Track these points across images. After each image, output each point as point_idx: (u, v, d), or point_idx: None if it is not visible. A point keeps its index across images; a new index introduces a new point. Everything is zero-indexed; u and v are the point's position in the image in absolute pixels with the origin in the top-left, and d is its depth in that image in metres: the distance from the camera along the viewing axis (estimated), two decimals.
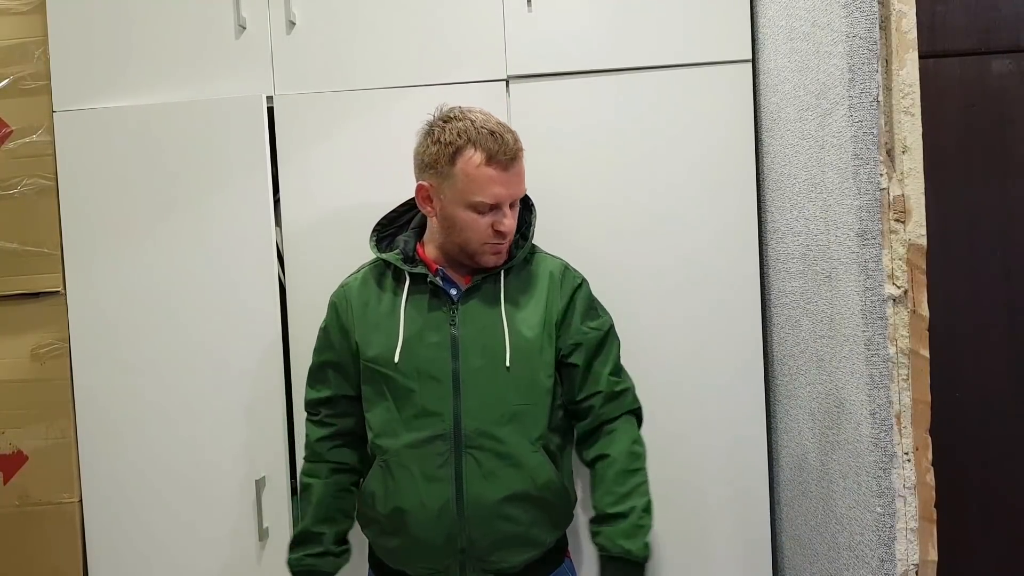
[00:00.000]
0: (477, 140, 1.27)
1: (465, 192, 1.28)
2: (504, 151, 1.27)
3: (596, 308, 1.44)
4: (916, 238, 1.06)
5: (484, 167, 1.27)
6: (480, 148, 1.27)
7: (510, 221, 1.31)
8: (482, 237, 1.31)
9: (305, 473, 1.44)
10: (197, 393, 1.62)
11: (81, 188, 1.64)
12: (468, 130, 1.28)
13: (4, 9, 1.66)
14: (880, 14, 1.05)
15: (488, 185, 1.27)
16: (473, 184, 1.27)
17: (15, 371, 1.65)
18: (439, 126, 1.31)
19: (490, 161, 1.26)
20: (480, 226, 1.30)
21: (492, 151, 1.26)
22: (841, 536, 1.25)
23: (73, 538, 1.65)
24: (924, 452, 1.07)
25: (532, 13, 1.58)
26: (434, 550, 1.30)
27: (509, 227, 1.31)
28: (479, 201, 1.28)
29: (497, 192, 1.28)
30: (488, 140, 1.26)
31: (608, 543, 1.32)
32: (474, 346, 1.32)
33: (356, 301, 1.40)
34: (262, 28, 1.62)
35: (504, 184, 1.28)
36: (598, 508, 1.36)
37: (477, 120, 1.29)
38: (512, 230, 1.33)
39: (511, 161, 1.28)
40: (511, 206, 1.32)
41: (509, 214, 1.31)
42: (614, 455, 1.37)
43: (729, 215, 1.57)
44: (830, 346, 1.25)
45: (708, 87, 1.56)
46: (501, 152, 1.26)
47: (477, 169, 1.27)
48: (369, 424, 1.38)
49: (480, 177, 1.27)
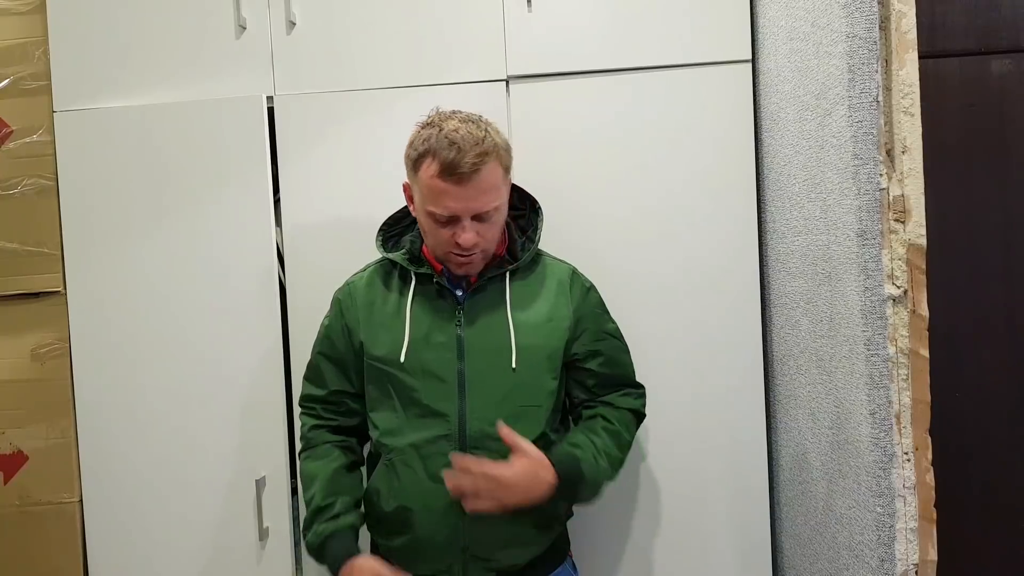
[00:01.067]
0: (436, 150, 1.22)
1: (424, 200, 1.27)
2: (458, 165, 1.21)
3: (607, 312, 1.45)
4: (916, 238, 1.06)
5: (437, 178, 1.23)
6: (437, 159, 1.22)
7: (468, 236, 1.25)
8: (444, 246, 1.29)
9: (304, 461, 1.41)
10: (197, 393, 1.62)
11: (81, 188, 1.64)
12: (431, 138, 1.24)
13: (4, 9, 1.66)
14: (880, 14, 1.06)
15: (441, 197, 1.24)
16: (429, 194, 1.25)
17: (15, 371, 1.65)
18: (416, 130, 1.29)
19: (443, 173, 1.22)
20: (441, 236, 1.28)
21: (446, 163, 1.21)
22: (841, 536, 1.25)
23: (73, 538, 1.65)
24: (924, 452, 1.07)
25: (532, 13, 1.58)
26: (438, 549, 1.31)
27: (467, 242, 1.25)
28: (433, 211, 1.26)
29: (450, 205, 1.24)
30: (445, 151, 1.21)
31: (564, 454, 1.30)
32: (479, 347, 1.32)
33: (361, 299, 1.40)
34: (262, 28, 1.62)
35: (457, 198, 1.23)
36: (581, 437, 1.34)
37: (446, 128, 1.24)
38: (472, 244, 1.26)
39: (467, 175, 1.21)
40: (481, 220, 1.26)
41: (468, 227, 1.25)
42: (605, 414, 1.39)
43: (729, 215, 1.57)
44: (830, 346, 1.25)
45: (708, 87, 1.56)
46: (455, 166, 1.21)
47: (432, 180, 1.24)
48: (374, 423, 1.38)
49: (434, 188, 1.24)
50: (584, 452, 1.32)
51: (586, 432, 1.36)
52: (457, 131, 1.23)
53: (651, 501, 1.60)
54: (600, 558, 1.61)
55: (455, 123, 1.25)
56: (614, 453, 1.36)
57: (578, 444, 1.33)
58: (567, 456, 1.30)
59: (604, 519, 1.61)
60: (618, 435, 1.37)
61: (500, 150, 1.27)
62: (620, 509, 1.60)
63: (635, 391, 1.46)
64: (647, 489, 1.60)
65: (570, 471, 1.29)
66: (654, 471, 1.60)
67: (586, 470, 1.30)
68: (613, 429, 1.38)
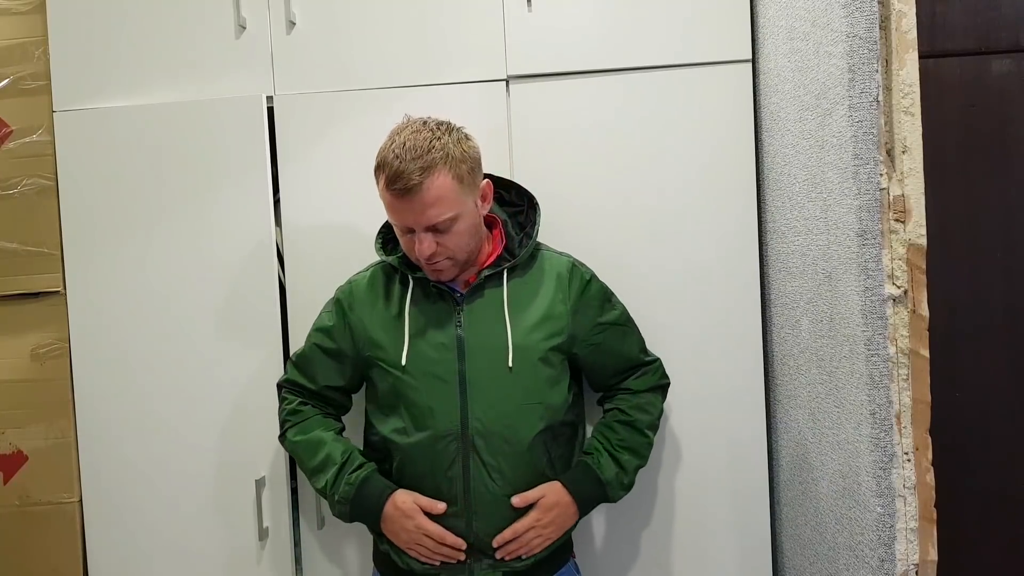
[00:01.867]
0: (383, 163, 1.24)
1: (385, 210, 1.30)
2: (396, 180, 1.21)
3: (610, 299, 1.45)
4: (916, 238, 1.06)
5: (386, 192, 1.25)
6: (384, 172, 1.24)
7: (424, 247, 1.25)
8: (411, 253, 1.31)
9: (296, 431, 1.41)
10: (197, 393, 1.62)
11: (81, 188, 1.64)
12: (384, 149, 1.26)
13: (4, 9, 1.66)
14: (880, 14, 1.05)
15: (391, 210, 1.28)
16: (385, 206, 1.28)
17: (15, 371, 1.65)
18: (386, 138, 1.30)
19: (387, 186, 1.24)
20: (407, 244, 1.31)
21: (390, 177, 1.23)
22: (841, 536, 1.25)
23: (73, 538, 1.65)
24: (924, 452, 1.06)
25: (532, 13, 1.58)
26: None
27: (423, 253, 1.25)
28: (391, 222, 1.30)
29: (397, 217, 1.27)
30: (390, 165, 1.23)
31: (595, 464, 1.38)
32: (479, 347, 1.33)
33: (363, 300, 1.41)
34: (262, 28, 1.62)
35: (404, 212, 1.24)
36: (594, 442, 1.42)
37: (397, 140, 1.24)
38: (430, 255, 1.26)
39: (406, 192, 1.21)
40: (437, 231, 1.26)
41: (424, 239, 1.25)
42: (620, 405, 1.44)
43: (729, 215, 1.57)
44: (830, 346, 1.25)
45: (708, 87, 1.56)
46: (396, 179, 1.22)
47: (383, 192, 1.26)
48: (377, 424, 1.38)
49: (386, 201, 1.27)
50: (596, 456, 1.39)
51: (600, 433, 1.43)
52: (404, 144, 1.23)
53: (651, 502, 1.60)
54: (601, 559, 1.61)
55: (407, 134, 1.25)
56: (635, 440, 1.41)
57: (590, 451, 1.41)
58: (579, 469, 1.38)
59: (605, 520, 1.61)
60: (633, 423, 1.42)
61: (452, 160, 1.24)
62: (621, 510, 1.60)
63: (650, 367, 1.48)
64: (647, 490, 1.60)
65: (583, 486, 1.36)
66: (654, 471, 1.60)
67: (603, 473, 1.37)
68: (627, 419, 1.42)
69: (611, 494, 1.38)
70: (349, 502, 1.34)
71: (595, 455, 1.39)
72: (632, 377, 1.46)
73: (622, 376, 1.46)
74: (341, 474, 1.35)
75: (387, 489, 1.34)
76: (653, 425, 1.44)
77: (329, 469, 1.36)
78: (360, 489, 1.33)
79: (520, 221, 1.45)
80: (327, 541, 1.63)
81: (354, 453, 1.39)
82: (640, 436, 1.42)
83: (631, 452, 1.40)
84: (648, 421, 1.43)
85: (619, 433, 1.41)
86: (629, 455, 1.40)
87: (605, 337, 1.42)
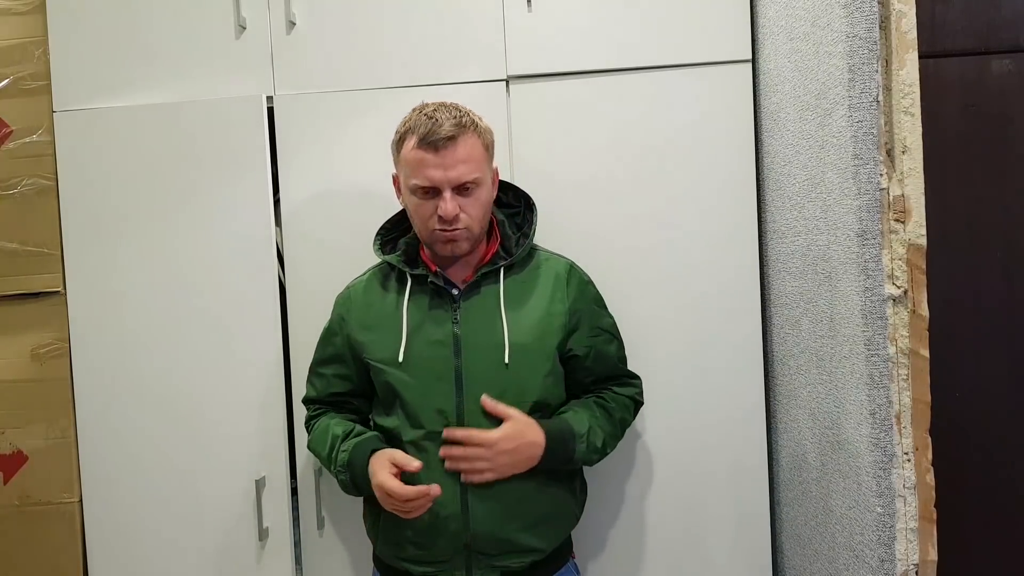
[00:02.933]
0: (414, 125, 1.29)
1: (407, 177, 1.31)
2: (433, 132, 1.26)
3: (604, 306, 1.46)
4: (916, 238, 1.06)
5: (416, 149, 1.28)
6: (415, 132, 1.28)
7: (449, 206, 1.27)
8: (428, 224, 1.31)
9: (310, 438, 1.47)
10: (197, 393, 1.62)
11: (81, 188, 1.64)
12: (411, 118, 1.31)
13: (4, 9, 1.66)
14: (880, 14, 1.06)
15: (419, 167, 1.28)
16: (409, 167, 1.30)
17: (15, 371, 1.65)
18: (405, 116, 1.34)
19: (421, 143, 1.27)
20: (424, 212, 1.31)
21: (423, 133, 1.26)
22: (841, 536, 1.25)
23: (73, 538, 1.65)
24: (924, 452, 1.07)
25: (532, 13, 1.58)
26: (440, 547, 1.31)
27: (448, 212, 1.27)
28: (415, 184, 1.30)
29: (430, 174, 1.27)
30: (422, 124, 1.27)
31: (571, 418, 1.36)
32: (475, 344, 1.33)
33: (360, 304, 1.42)
34: (262, 28, 1.62)
35: (435, 166, 1.27)
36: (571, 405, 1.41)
37: (426, 108, 1.31)
38: (455, 216, 1.28)
39: (443, 142, 1.26)
40: (463, 193, 1.29)
41: (449, 199, 1.28)
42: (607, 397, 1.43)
43: (729, 215, 1.57)
44: (830, 346, 1.25)
45: (708, 87, 1.56)
46: (431, 133, 1.26)
47: (411, 152, 1.29)
48: (377, 423, 1.39)
49: (414, 160, 1.29)
50: (574, 414, 1.37)
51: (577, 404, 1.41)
52: (436, 109, 1.30)
53: (651, 502, 1.60)
54: (602, 559, 1.61)
55: (435, 105, 1.31)
56: (606, 422, 1.39)
57: (566, 409, 1.39)
58: (555, 418, 1.36)
59: (605, 520, 1.61)
60: (610, 410, 1.41)
61: (480, 129, 1.32)
62: (621, 510, 1.60)
63: (631, 380, 1.48)
64: (647, 490, 1.60)
65: (558, 426, 1.33)
66: (654, 471, 1.60)
67: (576, 426, 1.34)
68: (604, 403, 1.42)
69: (578, 448, 1.33)
70: (347, 468, 1.34)
71: (570, 412, 1.37)
72: (613, 384, 1.46)
73: (602, 384, 1.45)
74: (340, 442, 1.38)
75: (372, 449, 1.33)
76: (624, 423, 1.44)
77: (327, 443, 1.39)
78: (352, 454, 1.34)
79: (517, 222, 1.45)
80: (327, 541, 1.63)
81: (356, 427, 1.40)
82: (612, 427, 1.40)
83: (602, 429, 1.38)
84: (620, 416, 1.43)
85: (594, 411, 1.39)
86: (600, 430, 1.37)
87: (597, 342, 1.42)
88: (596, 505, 1.58)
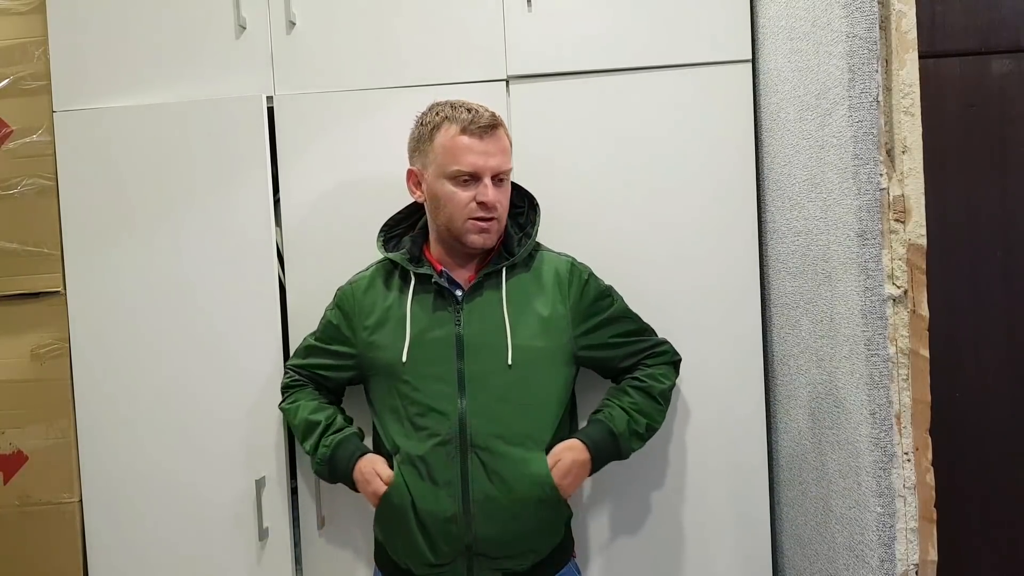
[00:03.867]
0: (453, 115, 1.32)
1: (444, 164, 1.32)
2: (477, 120, 1.30)
3: (609, 294, 1.46)
4: (916, 238, 1.06)
5: (459, 136, 1.30)
6: (455, 121, 1.32)
7: (493, 192, 1.31)
8: (464, 212, 1.32)
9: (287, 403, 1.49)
10: (197, 393, 1.62)
11: (81, 188, 1.64)
12: (445, 109, 1.35)
13: (4, 9, 1.66)
14: (880, 14, 1.05)
15: (463, 154, 1.30)
16: (449, 155, 1.31)
17: (15, 371, 1.65)
18: (424, 111, 1.37)
19: (464, 131, 1.30)
20: (461, 200, 1.32)
21: (466, 121, 1.31)
22: (841, 536, 1.25)
23: (73, 538, 1.65)
24: (924, 452, 1.07)
25: (532, 13, 1.58)
26: (441, 549, 1.31)
27: (492, 199, 1.31)
28: (456, 170, 1.31)
29: (473, 160, 1.30)
30: (463, 113, 1.32)
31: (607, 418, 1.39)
32: (478, 345, 1.33)
33: (364, 299, 1.42)
34: (262, 28, 1.62)
35: (479, 153, 1.30)
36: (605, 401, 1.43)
37: (457, 102, 1.35)
38: (496, 203, 1.32)
39: (486, 129, 1.31)
40: (497, 184, 1.33)
41: (491, 186, 1.31)
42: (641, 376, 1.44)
43: (729, 215, 1.57)
44: (830, 346, 1.25)
45: (708, 87, 1.56)
46: (474, 122, 1.30)
47: (453, 140, 1.31)
48: (378, 426, 1.40)
49: (456, 147, 1.31)
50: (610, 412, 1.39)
51: (611, 396, 1.44)
52: (463, 103, 1.35)
53: (652, 501, 1.60)
54: (602, 559, 1.61)
55: (455, 101, 1.36)
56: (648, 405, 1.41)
57: (602, 407, 1.42)
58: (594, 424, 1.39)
59: (606, 520, 1.61)
60: (647, 388, 1.42)
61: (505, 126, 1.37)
62: (621, 510, 1.60)
63: (659, 348, 1.48)
64: (648, 490, 1.60)
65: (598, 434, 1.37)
66: (655, 471, 1.60)
67: (615, 425, 1.37)
68: (641, 384, 1.42)
69: (623, 446, 1.38)
70: (326, 463, 1.40)
71: (605, 410, 1.40)
72: (643, 360, 1.46)
73: (633, 360, 1.46)
74: (323, 436, 1.41)
75: (356, 452, 1.39)
76: (665, 394, 1.44)
77: (314, 431, 1.42)
78: (335, 451, 1.39)
79: (520, 222, 1.45)
80: (327, 541, 1.63)
81: (337, 418, 1.44)
82: (654, 402, 1.42)
83: (643, 415, 1.40)
84: (660, 389, 1.43)
85: (632, 396, 1.41)
86: (640, 416, 1.40)
87: (609, 331, 1.43)
88: (596, 505, 1.58)
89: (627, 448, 1.39)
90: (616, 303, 1.46)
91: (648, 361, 1.46)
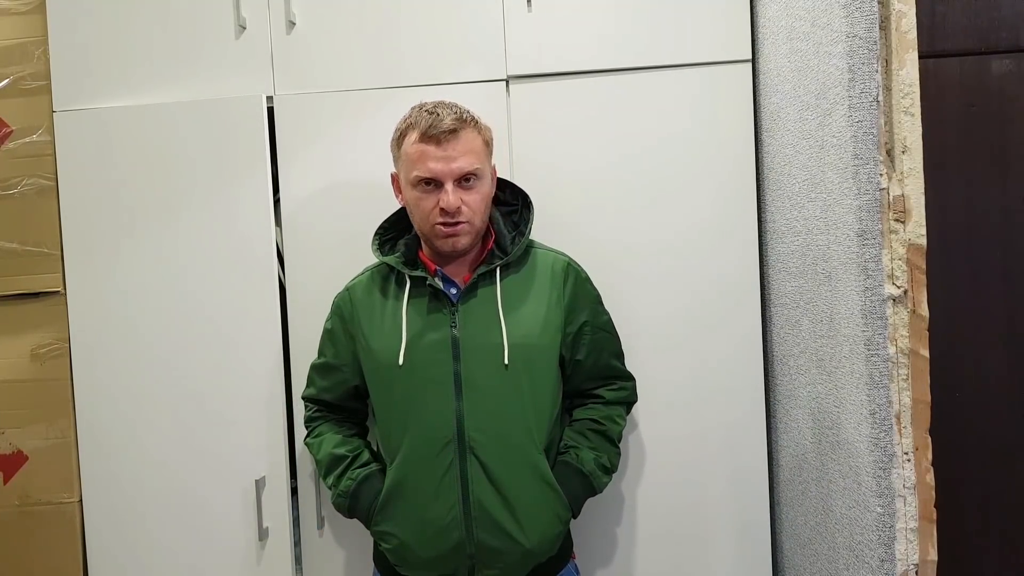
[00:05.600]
0: (416, 121, 1.32)
1: (408, 171, 1.33)
2: (435, 126, 1.29)
3: (601, 303, 1.47)
4: (916, 238, 1.06)
5: (418, 143, 1.30)
6: (416, 127, 1.31)
7: (454, 198, 1.29)
8: (430, 218, 1.32)
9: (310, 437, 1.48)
10: (197, 393, 1.62)
11: (81, 188, 1.64)
12: (413, 114, 1.34)
13: (4, 9, 1.66)
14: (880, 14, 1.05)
15: (421, 160, 1.30)
16: (410, 161, 1.32)
17: (15, 371, 1.65)
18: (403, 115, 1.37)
19: (423, 137, 1.30)
20: (426, 206, 1.32)
21: (424, 127, 1.29)
22: (841, 536, 1.25)
23: (73, 538, 1.65)
24: (924, 452, 1.06)
25: (532, 13, 1.58)
26: (441, 552, 1.31)
27: (450, 204, 1.29)
28: (415, 176, 1.31)
29: (432, 167, 1.29)
30: (423, 119, 1.30)
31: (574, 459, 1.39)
32: (474, 347, 1.32)
33: (360, 304, 1.41)
34: (262, 28, 1.62)
35: (438, 159, 1.29)
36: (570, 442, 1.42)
37: (426, 105, 1.34)
38: (457, 208, 1.30)
39: (445, 135, 1.29)
40: (463, 185, 1.31)
41: (451, 192, 1.29)
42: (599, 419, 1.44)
43: (729, 215, 1.57)
44: (830, 346, 1.25)
45: (708, 87, 1.56)
46: (432, 127, 1.29)
47: (413, 146, 1.31)
48: (377, 428, 1.40)
49: (415, 153, 1.31)
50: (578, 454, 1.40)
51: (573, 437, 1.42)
52: (436, 104, 1.34)
53: (651, 502, 1.60)
54: (602, 559, 1.61)
55: (433, 103, 1.35)
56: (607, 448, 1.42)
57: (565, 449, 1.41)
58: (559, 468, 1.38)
59: (605, 521, 1.61)
60: (606, 431, 1.42)
61: (480, 125, 1.35)
62: (622, 511, 1.60)
63: (625, 383, 1.48)
64: (648, 491, 1.60)
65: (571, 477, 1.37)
66: (654, 472, 1.60)
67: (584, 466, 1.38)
68: (600, 428, 1.42)
69: (596, 484, 1.38)
70: (348, 496, 1.38)
71: (572, 451, 1.40)
72: (606, 387, 1.46)
73: (597, 383, 1.46)
74: (348, 470, 1.39)
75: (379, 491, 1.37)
76: (620, 436, 1.46)
77: (338, 465, 1.41)
78: (360, 484, 1.37)
79: (514, 220, 1.45)
80: (327, 541, 1.63)
81: (363, 453, 1.42)
82: (611, 445, 1.43)
83: (605, 452, 1.41)
84: (617, 432, 1.44)
85: (591, 440, 1.41)
86: (604, 453, 1.41)
87: (595, 340, 1.43)
88: (597, 506, 1.58)
89: (599, 483, 1.40)
90: (606, 315, 1.47)
91: (607, 393, 1.46)
